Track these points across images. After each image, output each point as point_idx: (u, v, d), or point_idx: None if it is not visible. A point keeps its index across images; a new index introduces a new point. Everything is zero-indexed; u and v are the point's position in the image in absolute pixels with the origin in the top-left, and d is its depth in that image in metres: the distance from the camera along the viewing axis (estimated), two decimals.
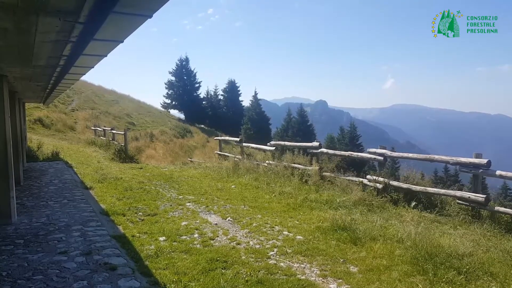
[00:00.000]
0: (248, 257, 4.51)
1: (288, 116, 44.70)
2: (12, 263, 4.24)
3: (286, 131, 42.68)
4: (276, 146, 11.24)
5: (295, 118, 44.12)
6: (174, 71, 49.44)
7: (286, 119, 44.51)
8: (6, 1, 2.12)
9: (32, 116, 24.28)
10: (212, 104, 50.12)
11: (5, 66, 5.16)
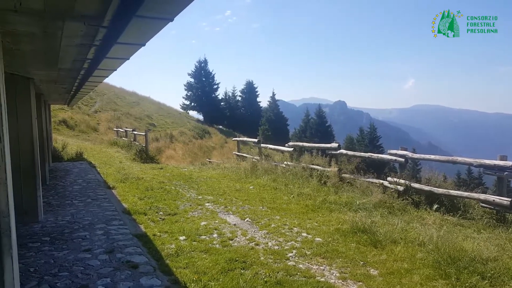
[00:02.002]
0: (267, 258, 4.52)
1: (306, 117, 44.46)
2: (39, 260, 4.39)
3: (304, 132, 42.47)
4: (294, 147, 11.20)
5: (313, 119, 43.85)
6: (193, 72, 50.01)
7: (304, 120, 44.29)
8: (34, 7, 2.20)
9: (57, 118, 25.03)
10: (230, 105, 50.38)
11: (32, 69, 5.35)
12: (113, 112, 33.45)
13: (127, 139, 20.74)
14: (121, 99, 39.75)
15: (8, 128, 2.53)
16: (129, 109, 36.61)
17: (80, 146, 18.11)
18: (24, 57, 4.08)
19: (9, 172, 2.48)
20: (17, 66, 4.89)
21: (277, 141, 14.03)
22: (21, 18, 2.38)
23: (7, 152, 2.48)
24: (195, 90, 48.90)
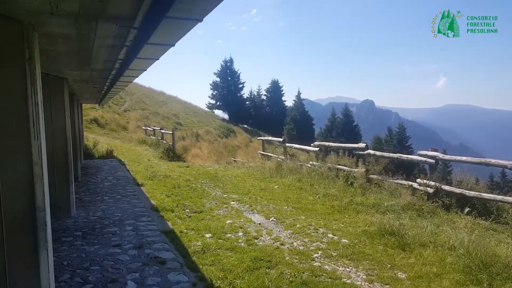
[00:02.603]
0: (292, 258, 4.50)
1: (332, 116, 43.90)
2: (72, 254, 4.55)
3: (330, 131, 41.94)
4: (320, 147, 11.08)
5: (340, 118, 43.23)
6: (218, 72, 50.49)
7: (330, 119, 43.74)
8: (69, 9, 2.28)
9: (88, 116, 25.93)
10: (255, 104, 50.49)
11: (65, 70, 5.54)
12: (142, 111, 34.29)
13: (155, 137, 21.21)
14: (150, 99, 40.69)
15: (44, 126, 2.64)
16: (157, 108, 37.42)
17: (110, 144, 18.67)
18: (59, 58, 4.24)
19: (45, 168, 2.59)
20: (52, 67, 5.09)
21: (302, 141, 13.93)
22: (57, 20, 2.47)
23: (44, 150, 2.59)
24: (221, 89, 49.34)
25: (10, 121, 2.34)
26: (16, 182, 2.37)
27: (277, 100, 50.81)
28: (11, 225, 2.36)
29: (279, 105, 50.41)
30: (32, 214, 2.42)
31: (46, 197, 2.58)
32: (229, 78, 49.86)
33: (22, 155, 2.38)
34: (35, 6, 2.13)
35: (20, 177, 2.38)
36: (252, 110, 49.45)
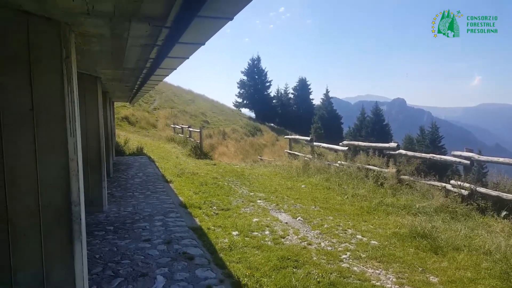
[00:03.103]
0: (319, 258, 4.44)
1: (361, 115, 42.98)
2: (104, 247, 4.70)
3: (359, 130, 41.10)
4: (349, 146, 10.88)
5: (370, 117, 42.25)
6: (246, 70, 50.63)
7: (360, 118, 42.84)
8: (105, 10, 2.34)
9: (119, 114, 26.70)
10: (282, 103, 50.26)
11: (99, 69, 5.71)
12: (171, 109, 34.96)
13: (183, 135, 21.58)
14: (178, 97, 41.42)
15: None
16: (185, 107, 38.05)
17: (140, 141, 19.16)
18: (93, 57, 4.37)
19: (80, 164, 2.67)
20: (86, 66, 5.25)
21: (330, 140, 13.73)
22: (93, 20, 2.55)
23: (79, 146, 2.67)
24: (248, 88, 49.47)
25: (48, 118, 2.43)
26: (53, 178, 2.46)
27: (305, 98, 50.35)
28: (48, 218, 2.46)
29: (306, 104, 49.94)
30: (67, 208, 2.50)
31: (81, 192, 2.67)
32: (256, 77, 49.89)
33: (59, 152, 2.46)
34: (72, 7, 2.20)
35: (57, 173, 2.46)
36: (279, 108, 49.26)
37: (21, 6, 2.23)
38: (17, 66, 2.34)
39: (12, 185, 2.36)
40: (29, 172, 2.39)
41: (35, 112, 2.38)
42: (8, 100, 2.33)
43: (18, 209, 2.38)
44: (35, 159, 2.40)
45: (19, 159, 2.37)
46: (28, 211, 2.40)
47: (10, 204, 2.36)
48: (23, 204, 2.39)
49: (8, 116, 2.33)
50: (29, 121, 2.38)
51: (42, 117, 2.41)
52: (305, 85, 51.09)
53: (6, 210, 2.34)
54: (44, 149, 2.42)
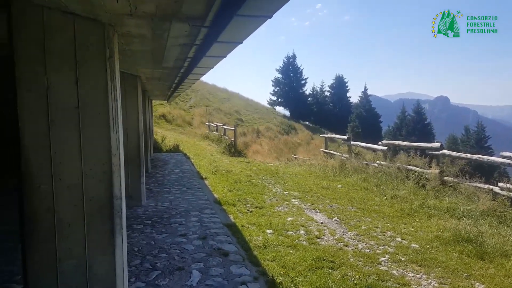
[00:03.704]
0: (356, 260, 4.33)
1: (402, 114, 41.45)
2: (142, 241, 4.84)
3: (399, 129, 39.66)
4: (388, 146, 10.51)
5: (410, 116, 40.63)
6: (280, 68, 50.41)
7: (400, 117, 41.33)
8: (147, 11, 2.40)
9: (157, 112, 27.50)
10: (318, 101, 49.56)
11: (139, 68, 5.89)
12: (206, 107, 35.55)
13: (218, 133, 21.88)
14: (213, 95, 42.03)
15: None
16: (220, 105, 38.54)
17: (177, 138, 19.63)
18: (134, 57, 4.51)
19: (122, 160, 2.76)
20: (128, 65, 5.43)
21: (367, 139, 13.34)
22: (135, 21, 2.62)
23: (121, 142, 2.76)
24: (283, 86, 49.25)
25: (93, 116, 2.52)
26: (97, 172, 2.55)
27: (341, 96, 49.36)
28: (91, 211, 2.55)
29: (343, 102, 48.93)
30: (110, 202, 2.59)
31: (122, 187, 2.76)
32: (291, 75, 49.55)
33: (103, 147, 2.55)
34: (116, 8, 2.27)
35: (100, 167, 2.56)
36: (314, 106, 48.62)
37: (68, 8, 2.33)
38: (64, 65, 2.45)
39: (59, 178, 2.47)
40: (74, 167, 2.49)
41: (80, 109, 2.48)
42: (56, 98, 2.44)
43: (64, 201, 2.49)
44: (80, 154, 2.50)
45: (65, 154, 2.48)
46: (73, 203, 2.51)
47: (56, 196, 2.47)
48: (68, 196, 2.50)
49: (56, 113, 2.44)
50: (75, 118, 2.48)
51: (87, 114, 2.50)
52: (342, 82, 50.08)
53: (52, 201, 2.46)
54: (88, 144, 2.52)
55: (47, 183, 2.46)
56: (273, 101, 50.19)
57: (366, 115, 42.82)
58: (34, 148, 2.43)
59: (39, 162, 2.44)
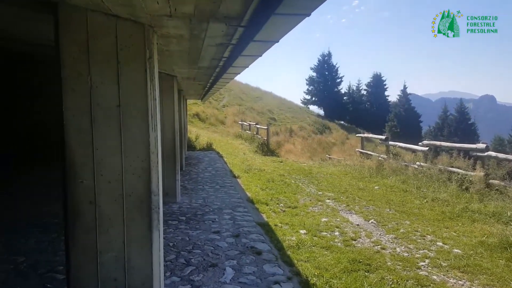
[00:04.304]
0: (394, 264, 4.18)
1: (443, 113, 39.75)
2: (177, 236, 4.94)
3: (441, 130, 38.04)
4: (429, 146, 10.08)
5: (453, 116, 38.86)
6: (315, 66, 49.80)
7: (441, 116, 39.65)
8: (186, 11, 2.43)
9: (191, 111, 28.05)
10: (354, 100, 48.51)
11: (176, 68, 6.01)
12: (239, 106, 35.83)
13: (250, 132, 21.98)
14: (246, 94, 42.27)
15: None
16: (252, 104, 38.70)
17: (210, 137, 19.93)
18: (172, 57, 4.61)
19: (159, 157, 2.83)
20: (165, 65, 5.56)
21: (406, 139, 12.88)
22: (174, 22, 2.67)
23: (159, 140, 2.83)
24: (317, 85, 48.63)
25: (133, 114, 2.60)
26: (136, 169, 2.63)
27: (379, 95, 48.02)
28: (130, 206, 2.64)
29: (380, 101, 47.59)
30: (148, 197, 2.66)
31: (160, 183, 2.82)
32: (326, 73, 48.82)
33: (142, 145, 2.63)
34: (156, 10, 2.32)
35: (139, 164, 2.63)
36: (350, 105, 47.63)
37: (111, 10, 2.41)
38: (107, 66, 2.54)
39: (100, 174, 2.57)
40: (115, 163, 2.58)
41: (121, 108, 2.57)
42: (99, 97, 2.54)
43: (105, 196, 2.59)
44: (121, 151, 2.59)
45: (107, 151, 2.58)
46: (113, 198, 2.60)
47: (98, 191, 2.57)
48: (109, 191, 2.59)
49: (99, 111, 2.54)
50: (116, 117, 2.57)
51: (127, 113, 2.58)
52: (380, 81, 48.72)
53: (94, 196, 2.57)
54: (128, 142, 2.60)
55: (89, 179, 2.56)
56: (307, 100, 49.70)
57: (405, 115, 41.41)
58: (77, 145, 2.53)
59: (82, 158, 2.54)
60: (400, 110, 41.97)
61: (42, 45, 5.91)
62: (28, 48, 7.06)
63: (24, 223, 5.12)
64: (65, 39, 2.47)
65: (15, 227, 4.94)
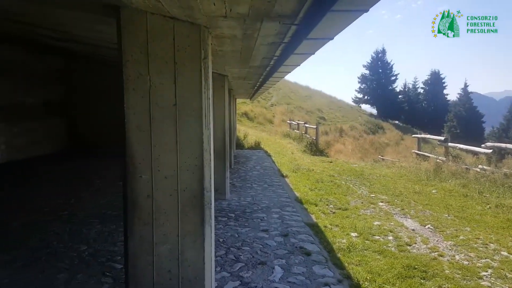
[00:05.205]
0: (453, 272, 3.93)
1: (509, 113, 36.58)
2: (226, 233, 5.03)
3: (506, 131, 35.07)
4: (493, 149, 9.32)
5: None
6: (368, 64, 48.21)
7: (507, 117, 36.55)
8: (240, 12, 2.46)
9: (240, 110, 28.42)
10: (410, 98, 46.26)
11: (227, 68, 6.12)
12: (287, 105, 35.71)
13: (299, 131, 21.81)
14: (295, 93, 41.99)
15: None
16: (301, 103, 38.37)
17: (258, 136, 20.06)
18: (224, 57, 4.70)
19: (212, 154, 2.90)
20: (217, 65, 5.68)
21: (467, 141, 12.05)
22: (228, 22, 2.71)
23: (212, 138, 2.90)
24: (370, 83, 47.03)
25: (188, 113, 2.69)
26: (190, 165, 2.72)
27: (437, 93, 45.34)
28: (184, 201, 2.73)
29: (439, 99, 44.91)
30: (201, 193, 2.74)
31: (212, 180, 2.90)
32: (380, 70, 47.05)
33: (196, 142, 2.71)
34: (212, 11, 2.38)
35: (193, 161, 2.72)
36: (406, 104, 45.48)
37: (169, 12, 2.51)
38: (165, 67, 2.65)
39: (157, 170, 2.69)
40: (171, 159, 2.69)
41: (177, 107, 2.66)
42: (157, 96, 2.66)
43: (161, 190, 2.70)
44: (176, 148, 2.69)
45: (164, 147, 2.69)
46: (169, 193, 2.71)
47: (155, 185, 2.70)
48: (165, 186, 2.70)
49: (157, 110, 2.66)
50: (173, 115, 2.67)
51: (183, 112, 2.68)
52: (438, 78, 45.98)
53: (151, 190, 2.70)
54: (183, 139, 2.70)
55: (147, 174, 2.69)
56: (358, 99, 48.26)
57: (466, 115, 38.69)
58: (137, 142, 2.67)
59: (141, 154, 2.68)
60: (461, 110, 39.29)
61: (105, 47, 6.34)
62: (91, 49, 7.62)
63: (84, 213, 5.53)
64: (127, 41, 2.60)
65: (78, 218, 5.35)
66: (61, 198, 6.30)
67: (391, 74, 47.18)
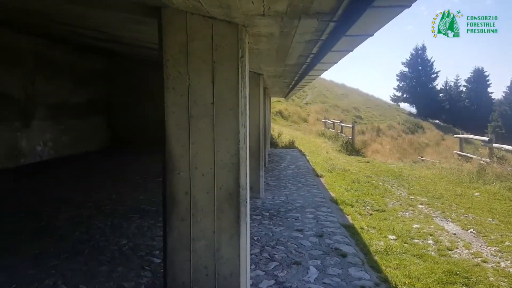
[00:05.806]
0: (498, 279, 3.72)
1: None
2: (260, 231, 5.04)
3: None
4: None
5: None
6: (407, 61, 46.55)
7: None
8: (278, 9, 2.45)
9: (274, 109, 28.38)
10: (451, 97, 44.18)
11: (263, 66, 6.12)
12: (322, 104, 35.21)
13: (334, 130, 21.46)
14: (330, 92, 41.32)
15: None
16: (337, 101, 37.70)
17: (292, 135, 19.93)
18: (260, 55, 4.70)
19: (247, 153, 2.92)
20: (253, 64, 5.70)
21: None
22: (266, 20, 2.72)
23: (247, 136, 2.92)
24: (409, 80, 45.39)
25: (225, 111, 2.73)
26: (227, 163, 2.75)
27: (481, 91, 42.99)
28: (221, 198, 2.77)
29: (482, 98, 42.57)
30: (237, 191, 2.77)
31: (247, 178, 2.92)
32: (419, 68, 45.29)
33: (232, 140, 2.74)
34: (251, 10, 2.39)
35: (230, 159, 2.75)
36: (447, 103, 43.49)
37: (208, 12, 2.55)
38: (203, 66, 2.69)
39: (195, 167, 2.75)
40: (208, 157, 2.74)
41: (215, 105, 2.71)
42: (196, 95, 2.71)
43: (198, 187, 2.76)
44: (213, 146, 2.73)
45: (201, 145, 2.74)
46: (206, 190, 2.76)
47: (193, 182, 2.75)
48: (202, 183, 2.75)
49: (195, 108, 2.72)
50: (210, 113, 2.72)
51: (220, 110, 2.71)
52: (482, 76, 43.57)
53: (189, 187, 2.76)
54: (220, 137, 2.73)
55: (186, 171, 2.75)
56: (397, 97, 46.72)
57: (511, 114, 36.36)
58: (176, 140, 2.74)
59: (179, 152, 2.74)
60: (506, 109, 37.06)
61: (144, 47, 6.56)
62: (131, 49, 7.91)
63: (125, 208, 5.75)
64: (167, 40, 2.67)
65: (119, 212, 5.57)
66: (103, 193, 6.60)
67: (431, 72, 45.28)
